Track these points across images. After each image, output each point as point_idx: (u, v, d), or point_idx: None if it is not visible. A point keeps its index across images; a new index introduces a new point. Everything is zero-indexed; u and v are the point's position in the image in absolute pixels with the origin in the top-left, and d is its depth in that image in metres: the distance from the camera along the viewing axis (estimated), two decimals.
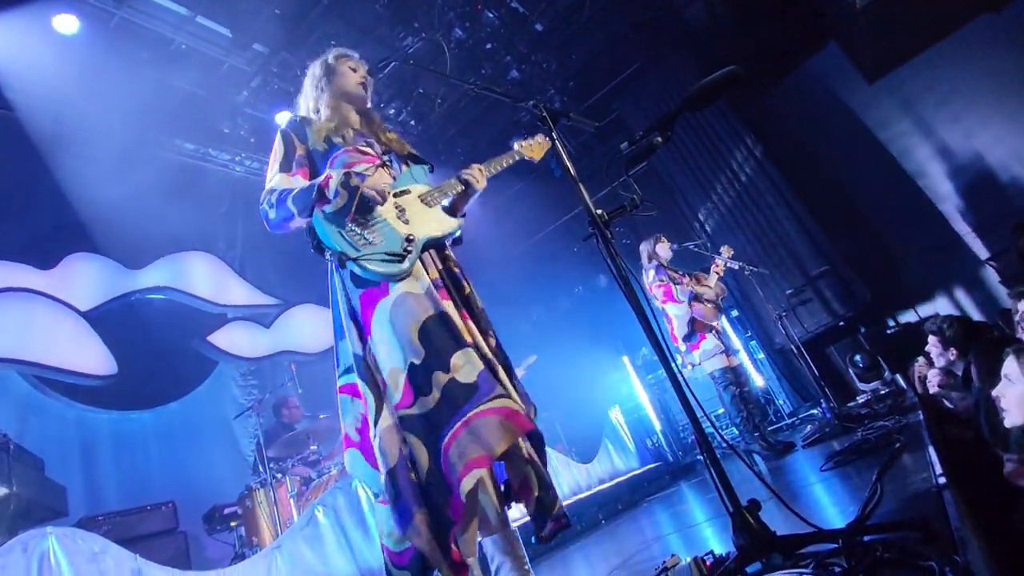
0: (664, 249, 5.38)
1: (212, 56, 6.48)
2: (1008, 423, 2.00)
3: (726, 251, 5.59)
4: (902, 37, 7.31)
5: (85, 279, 6.05)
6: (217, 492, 5.57)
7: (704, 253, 5.88)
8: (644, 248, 5.43)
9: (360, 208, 1.90)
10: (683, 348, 5.11)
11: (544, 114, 2.04)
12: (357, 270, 1.87)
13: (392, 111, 8.05)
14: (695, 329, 5.04)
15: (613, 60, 8.69)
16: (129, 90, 5.91)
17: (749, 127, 8.24)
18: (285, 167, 2.08)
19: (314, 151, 2.12)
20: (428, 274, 1.96)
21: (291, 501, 4.66)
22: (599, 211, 1.88)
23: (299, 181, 2.03)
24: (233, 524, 5.00)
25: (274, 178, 2.06)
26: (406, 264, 1.89)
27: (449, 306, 1.91)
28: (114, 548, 2.67)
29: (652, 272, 5.22)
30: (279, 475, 4.86)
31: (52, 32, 5.27)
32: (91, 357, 5.69)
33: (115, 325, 6.04)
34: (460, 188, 2.18)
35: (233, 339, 7.01)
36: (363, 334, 1.92)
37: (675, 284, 5.09)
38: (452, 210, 2.20)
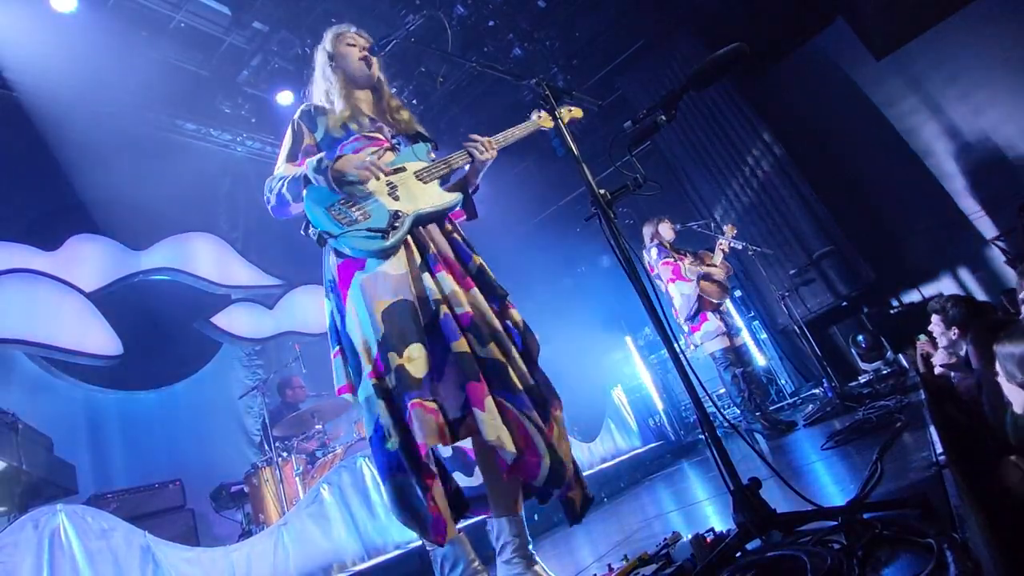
0: (667, 230, 5.36)
1: (212, 35, 6.43)
2: (1019, 408, 2.00)
3: (729, 230, 5.55)
4: (910, 13, 7.21)
5: (89, 260, 6.05)
6: (223, 471, 5.64)
7: (708, 233, 5.86)
8: (647, 229, 5.41)
9: (340, 185, 1.94)
10: (685, 328, 5.11)
11: (547, 92, 2.02)
12: (338, 247, 1.91)
13: (394, 90, 7.93)
14: (700, 308, 5.03)
15: (617, 38, 8.58)
16: (129, 69, 5.88)
17: (754, 105, 8.15)
18: (291, 156, 2.15)
19: (328, 138, 2.16)
20: (421, 252, 1.95)
21: (297, 479, 4.72)
22: (602, 191, 1.87)
23: (300, 170, 2.06)
24: (240, 502, 5.07)
25: (280, 167, 2.14)
26: (390, 240, 1.89)
27: (446, 280, 1.90)
28: (123, 525, 2.71)
29: (655, 251, 5.20)
30: (285, 454, 4.91)
31: (50, 11, 5.22)
32: (96, 338, 5.72)
33: (119, 306, 6.06)
34: (464, 160, 2.17)
35: (237, 320, 7.03)
36: (340, 305, 1.94)
37: (681, 263, 5.08)
38: (461, 185, 2.20)
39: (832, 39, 8.10)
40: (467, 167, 2.22)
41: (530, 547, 1.88)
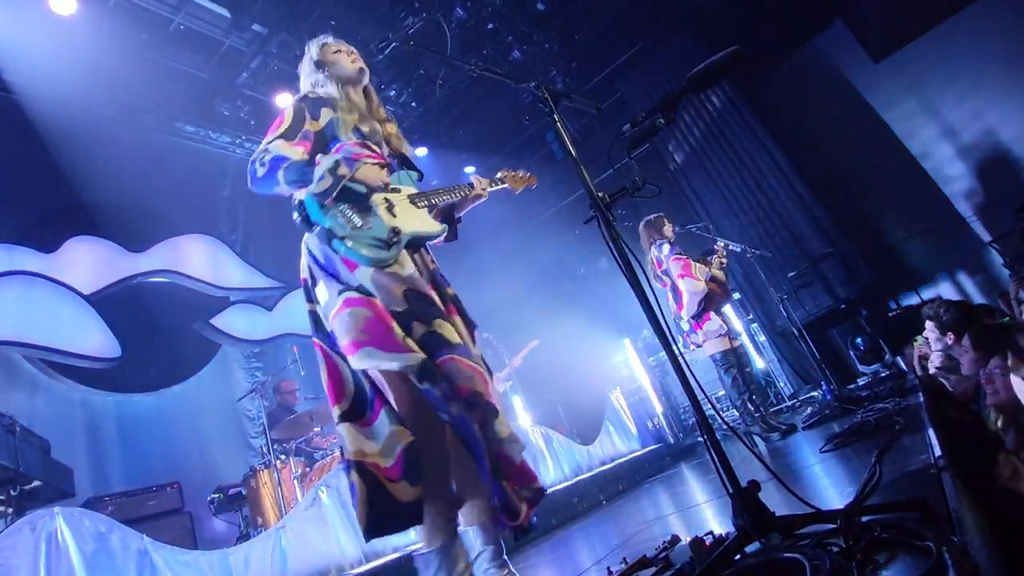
0: (668, 229, 5.35)
1: (211, 37, 6.44)
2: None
3: (720, 250, 5.49)
4: (909, 15, 7.23)
5: (87, 262, 6.05)
6: (221, 473, 5.63)
7: (706, 235, 5.85)
8: (646, 228, 5.38)
9: (345, 195, 1.95)
10: (687, 327, 5.10)
11: (546, 95, 2.02)
12: (342, 249, 1.90)
13: (393, 92, 7.99)
14: (705, 307, 5.03)
15: (616, 41, 8.59)
16: (128, 72, 5.88)
17: (753, 107, 8.16)
18: (289, 135, 2.06)
19: (328, 130, 2.13)
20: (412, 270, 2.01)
21: (295, 482, 4.71)
22: (601, 193, 1.87)
23: (298, 153, 2.03)
24: (238, 505, 5.06)
25: (275, 141, 2.04)
26: (392, 252, 1.93)
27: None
28: (121, 528, 2.70)
29: (667, 247, 5.17)
30: (283, 456, 4.90)
31: (50, 13, 5.21)
32: (95, 340, 5.72)
33: (118, 308, 6.06)
34: (460, 193, 2.26)
35: (236, 322, 7.03)
36: (341, 279, 1.94)
37: (691, 260, 5.08)
38: (447, 212, 2.29)
39: (831, 41, 8.12)
40: (459, 198, 2.30)
41: (504, 556, 1.88)
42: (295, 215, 1.99)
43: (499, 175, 2.53)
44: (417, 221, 2.10)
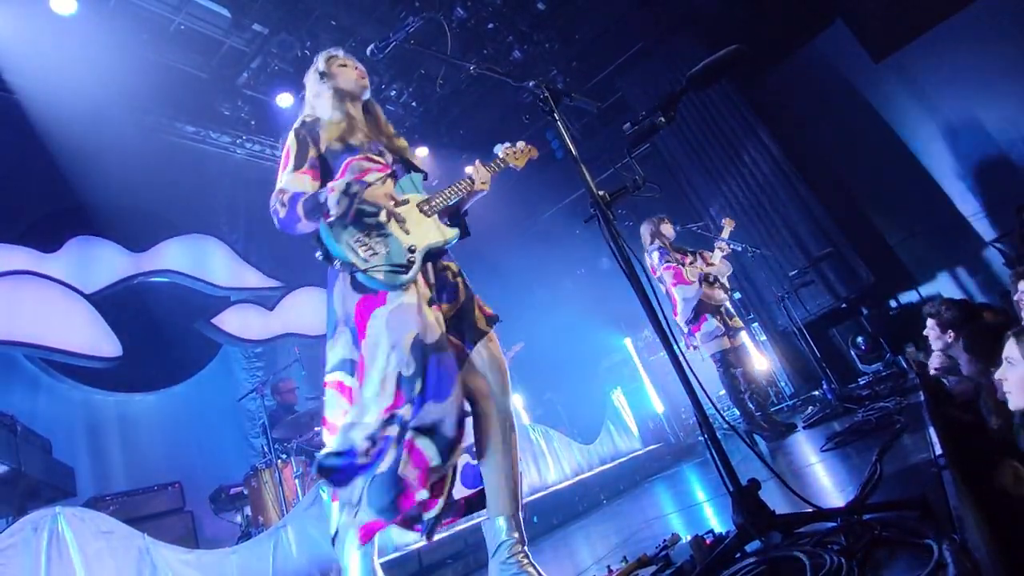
0: (668, 229, 5.34)
1: (212, 37, 6.44)
2: (1012, 406, 2.00)
3: (728, 224, 5.51)
4: (909, 15, 7.22)
5: (88, 262, 6.05)
6: (222, 473, 5.63)
7: (707, 235, 5.85)
8: (646, 228, 5.38)
9: (360, 216, 1.96)
10: (685, 330, 5.10)
11: (546, 95, 2.02)
12: (363, 280, 1.93)
13: (393, 92, 7.99)
14: (700, 311, 5.02)
15: (616, 40, 8.58)
16: (129, 72, 5.87)
17: (753, 107, 8.15)
18: (298, 164, 2.10)
19: (328, 151, 2.14)
20: (428, 286, 2.03)
21: (296, 481, 4.71)
22: (601, 192, 1.87)
23: (307, 182, 2.06)
24: (239, 504, 5.07)
25: (284, 178, 2.08)
26: (410, 274, 1.96)
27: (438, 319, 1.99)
28: (122, 527, 2.70)
29: (656, 255, 5.18)
30: (284, 456, 4.91)
31: (50, 13, 5.21)
32: (96, 340, 5.72)
33: (119, 308, 6.06)
34: (465, 189, 2.24)
35: (237, 322, 7.03)
36: (356, 339, 1.96)
37: (683, 266, 5.06)
38: (455, 209, 2.27)
39: (831, 41, 8.11)
40: (462, 195, 2.28)
41: (526, 547, 1.89)
42: (317, 254, 2.01)
43: (499, 155, 2.45)
44: (430, 232, 2.11)
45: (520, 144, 2.51)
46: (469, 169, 2.29)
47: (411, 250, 1.99)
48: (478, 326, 2.08)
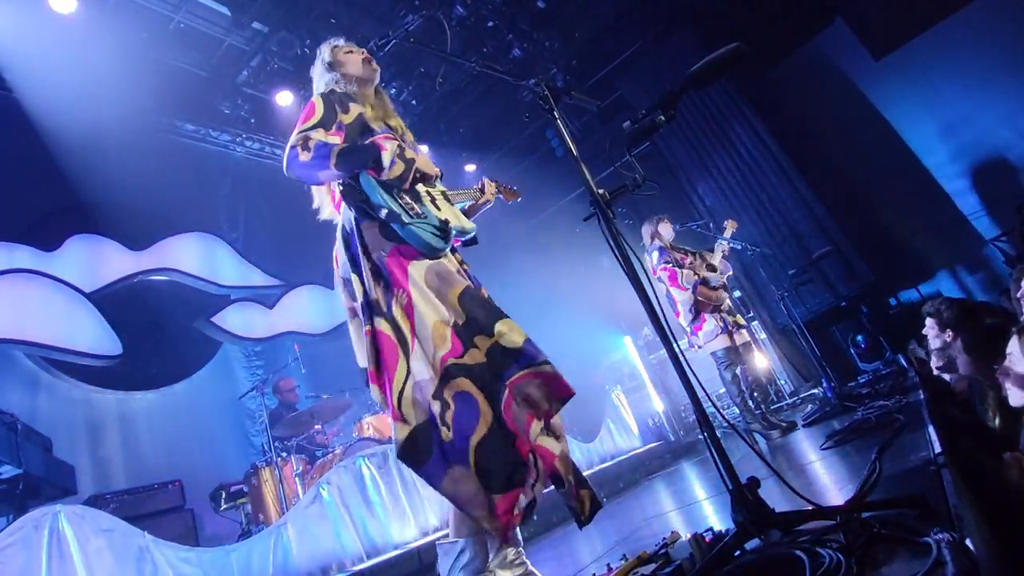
0: (667, 229, 5.35)
1: (211, 35, 6.43)
2: (1013, 402, 2.01)
3: (730, 225, 5.53)
4: (909, 13, 7.21)
5: (88, 261, 6.05)
6: (223, 471, 5.64)
7: (707, 233, 5.86)
8: (647, 229, 5.40)
9: (413, 180, 2.00)
10: (688, 331, 5.12)
11: (546, 93, 2.02)
12: (403, 233, 1.90)
13: (393, 90, 7.98)
14: (699, 312, 5.05)
15: (616, 38, 8.57)
16: (128, 70, 5.87)
17: (753, 105, 8.15)
18: (325, 124, 2.03)
19: (359, 125, 2.11)
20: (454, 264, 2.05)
21: (296, 479, 4.72)
22: (601, 191, 1.88)
23: (337, 142, 2.00)
24: (239, 502, 5.07)
25: (314, 129, 1.99)
26: (448, 243, 1.99)
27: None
28: (123, 525, 2.71)
29: (656, 255, 5.20)
30: (284, 454, 4.91)
31: (50, 11, 5.21)
32: (96, 338, 5.72)
33: (119, 306, 6.06)
34: (475, 195, 2.37)
35: (237, 320, 7.03)
36: (389, 285, 1.91)
37: (680, 268, 5.07)
38: (465, 213, 2.35)
39: (831, 39, 8.10)
40: (474, 200, 2.42)
41: (520, 548, 1.90)
42: (344, 202, 1.98)
43: (498, 181, 2.63)
44: (457, 217, 2.14)
45: (514, 188, 2.77)
46: (471, 169, 2.36)
47: (445, 223, 2.01)
48: None
